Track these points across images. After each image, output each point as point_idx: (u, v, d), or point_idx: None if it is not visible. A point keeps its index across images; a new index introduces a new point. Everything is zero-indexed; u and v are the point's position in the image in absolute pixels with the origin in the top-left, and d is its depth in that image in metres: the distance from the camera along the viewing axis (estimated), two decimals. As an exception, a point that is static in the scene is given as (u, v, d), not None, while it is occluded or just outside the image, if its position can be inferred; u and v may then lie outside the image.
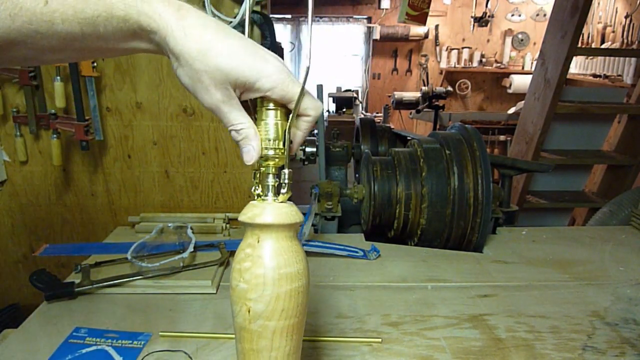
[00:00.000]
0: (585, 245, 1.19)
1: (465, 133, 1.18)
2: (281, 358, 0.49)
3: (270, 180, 0.49)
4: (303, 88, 0.47)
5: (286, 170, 0.49)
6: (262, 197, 0.50)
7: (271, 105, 0.48)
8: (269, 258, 0.47)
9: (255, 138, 0.47)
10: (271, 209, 0.48)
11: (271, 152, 0.48)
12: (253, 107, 0.50)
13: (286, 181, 0.49)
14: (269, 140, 0.48)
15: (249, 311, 0.47)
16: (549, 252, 1.14)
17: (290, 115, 0.48)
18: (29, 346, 0.76)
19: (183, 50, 0.43)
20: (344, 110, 4.59)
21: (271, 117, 0.48)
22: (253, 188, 0.50)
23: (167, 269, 0.95)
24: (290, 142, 0.50)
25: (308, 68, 0.47)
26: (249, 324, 0.48)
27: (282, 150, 0.49)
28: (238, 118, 0.47)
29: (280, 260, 0.47)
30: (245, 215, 0.48)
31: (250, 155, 0.48)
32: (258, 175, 0.50)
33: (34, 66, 1.26)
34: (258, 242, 0.48)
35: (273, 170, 0.49)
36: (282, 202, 0.49)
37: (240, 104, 0.47)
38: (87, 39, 0.42)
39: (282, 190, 0.50)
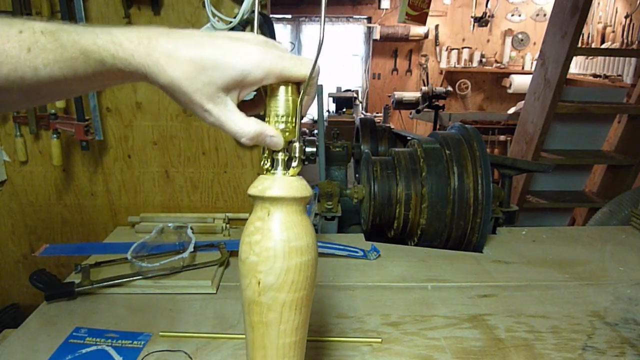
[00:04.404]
0: (585, 245, 1.19)
1: (465, 133, 1.18)
2: (289, 331, 0.49)
3: (280, 155, 0.49)
4: (314, 68, 0.46)
5: (297, 144, 0.49)
6: (272, 171, 0.49)
7: None
8: (279, 231, 0.47)
9: (267, 128, 0.47)
10: (281, 182, 0.47)
11: (281, 126, 0.48)
12: (263, 87, 0.49)
13: (297, 155, 0.49)
14: (280, 115, 0.47)
15: (259, 283, 0.47)
16: (549, 252, 1.14)
17: (302, 92, 0.47)
18: (29, 346, 0.76)
19: (166, 80, 0.43)
20: (344, 110, 4.59)
21: (282, 93, 0.47)
22: (262, 162, 0.50)
23: (167, 269, 0.95)
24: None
25: (321, 41, 0.45)
26: (258, 297, 0.47)
27: (293, 124, 0.48)
28: (244, 125, 0.46)
29: (291, 234, 0.47)
30: (255, 188, 0.48)
31: (275, 143, 0.47)
32: (267, 150, 0.49)
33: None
34: (268, 215, 0.47)
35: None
36: (292, 175, 0.49)
37: (237, 110, 0.46)
38: (69, 82, 0.43)
39: (293, 164, 0.49)
